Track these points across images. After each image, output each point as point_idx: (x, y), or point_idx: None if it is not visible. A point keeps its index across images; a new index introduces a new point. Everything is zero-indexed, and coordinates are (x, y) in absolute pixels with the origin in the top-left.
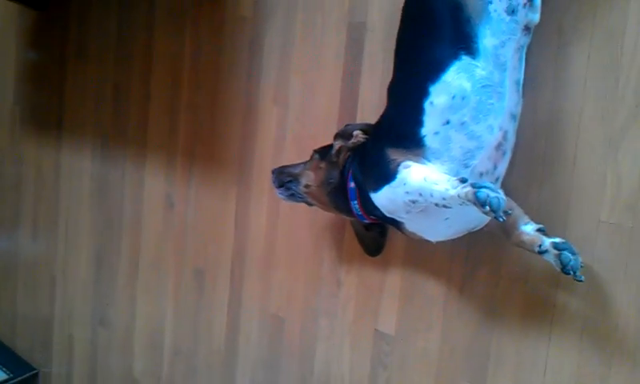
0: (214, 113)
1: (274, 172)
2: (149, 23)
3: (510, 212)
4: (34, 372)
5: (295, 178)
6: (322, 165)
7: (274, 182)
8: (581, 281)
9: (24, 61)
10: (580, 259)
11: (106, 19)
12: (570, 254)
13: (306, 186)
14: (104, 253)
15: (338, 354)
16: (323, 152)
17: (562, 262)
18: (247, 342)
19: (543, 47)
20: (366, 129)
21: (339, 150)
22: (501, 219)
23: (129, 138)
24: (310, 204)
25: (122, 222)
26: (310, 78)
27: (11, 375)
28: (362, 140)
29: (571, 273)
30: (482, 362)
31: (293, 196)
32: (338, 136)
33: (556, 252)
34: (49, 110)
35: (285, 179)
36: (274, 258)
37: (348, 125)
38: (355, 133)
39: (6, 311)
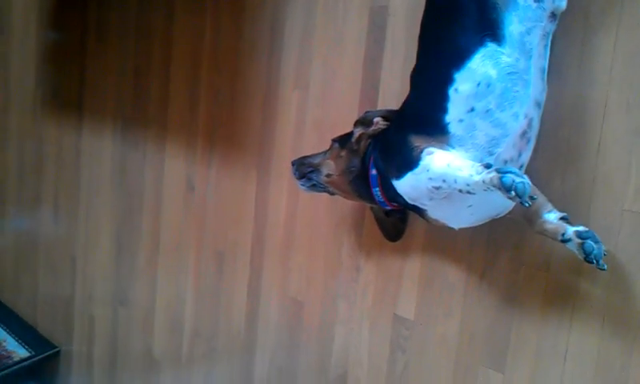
0: (234, 96)
1: (293, 163)
2: (169, 5)
3: (535, 197)
4: (56, 350)
5: (316, 168)
6: (343, 153)
7: (294, 174)
8: (604, 269)
9: (44, 43)
10: (603, 247)
11: (126, 1)
12: (593, 243)
13: (328, 176)
14: (124, 234)
15: (357, 337)
16: (343, 140)
17: (584, 251)
18: (266, 325)
19: (569, 35)
20: (387, 115)
21: (360, 138)
22: (526, 204)
23: (149, 120)
24: (332, 193)
25: (142, 203)
26: (331, 62)
27: (33, 353)
28: (382, 127)
29: (594, 262)
30: (502, 348)
31: (315, 186)
32: (358, 123)
33: (579, 241)
34: (69, 92)
35: (306, 170)
36: (293, 241)
37: (368, 111)
38: (376, 120)
39: (27, 290)
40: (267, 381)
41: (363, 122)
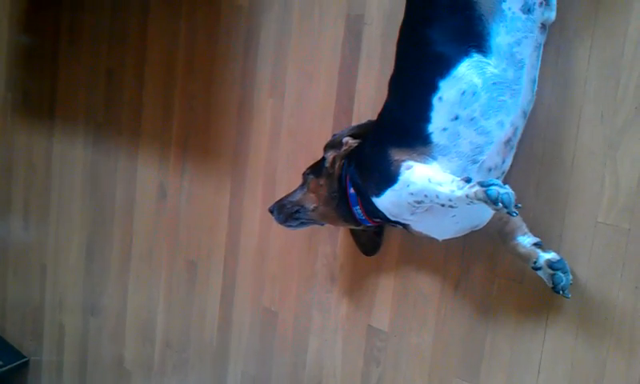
0: (209, 103)
1: (272, 210)
2: (143, 9)
3: (519, 205)
4: (24, 360)
5: (300, 205)
6: (322, 181)
7: (277, 219)
8: (568, 298)
9: (16, 47)
10: (570, 277)
11: (100, 5)
12: (562, 274)
13: (314, 209)
14: (95, 242)
15: (331, 348)
16: (316, 170)
17: (553, 282)
18: (239, 335)
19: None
20: (355, 133)
21: (334, 160)
22: (514, 214)
23: (122, 127)
24: (321, 224)
25: (113, 211)
26: (307, 70)
27: (1, 363)
28: (354, 145)
29: (561, 292)
30: (476, 359)
31: (303, 224)
32: (328, 147)
33: (550, 271)
34: (40, 97)
35: (291, 210)
36: (267, 251)
37: (335, 134)
38: (345, 140)
39: None
40: None
41: (333, 145)
